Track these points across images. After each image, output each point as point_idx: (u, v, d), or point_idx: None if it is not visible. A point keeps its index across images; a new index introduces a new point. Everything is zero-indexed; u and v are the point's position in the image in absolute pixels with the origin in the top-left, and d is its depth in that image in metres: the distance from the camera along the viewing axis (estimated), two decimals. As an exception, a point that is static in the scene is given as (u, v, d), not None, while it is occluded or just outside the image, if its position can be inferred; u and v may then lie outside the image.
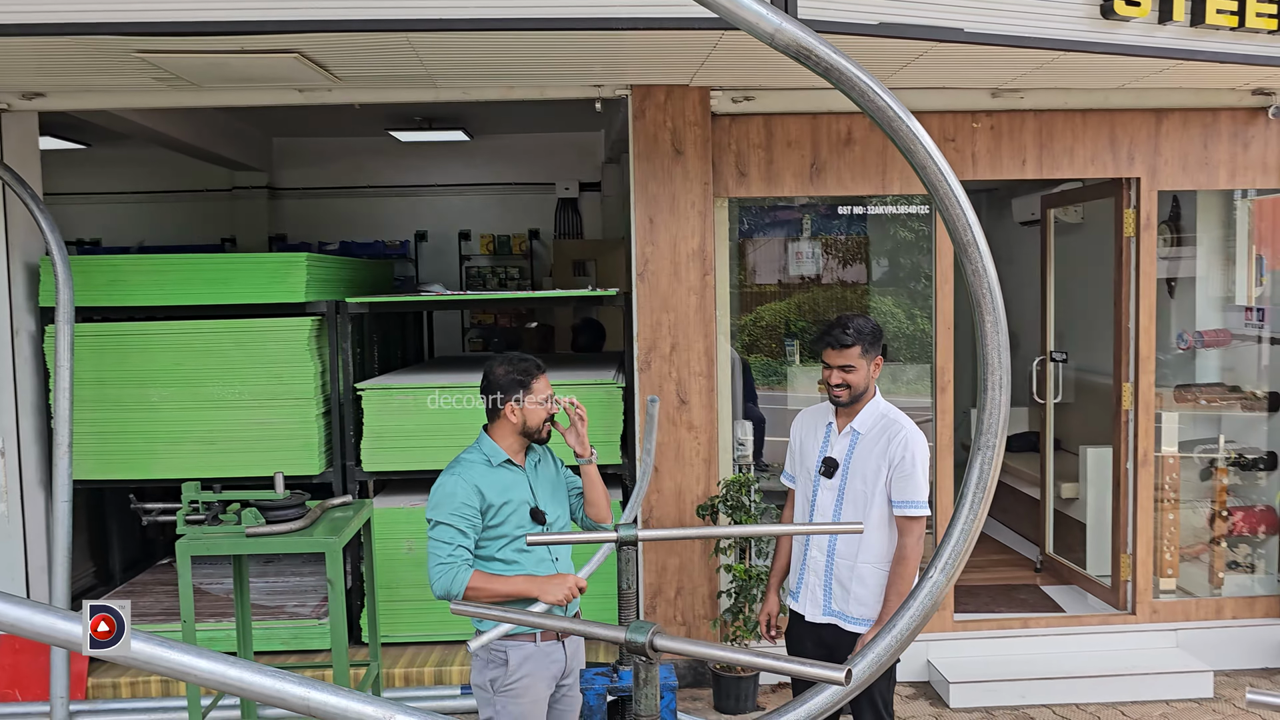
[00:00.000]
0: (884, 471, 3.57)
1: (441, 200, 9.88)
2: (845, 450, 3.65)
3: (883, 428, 3.62)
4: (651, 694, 1.67)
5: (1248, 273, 6.34)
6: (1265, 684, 5.43)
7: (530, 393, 3.36)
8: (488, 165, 9.80)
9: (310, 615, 5.58)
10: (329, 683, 2.10)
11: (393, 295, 6.38)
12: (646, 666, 1.65)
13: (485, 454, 3.40)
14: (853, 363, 3.58)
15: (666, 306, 5.29)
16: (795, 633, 3.79)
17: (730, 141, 5.35)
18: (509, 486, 3.37)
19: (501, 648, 3.33)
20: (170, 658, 1.92)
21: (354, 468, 5.61)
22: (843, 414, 3.70)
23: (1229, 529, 5.88)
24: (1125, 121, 5.44)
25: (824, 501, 3.66)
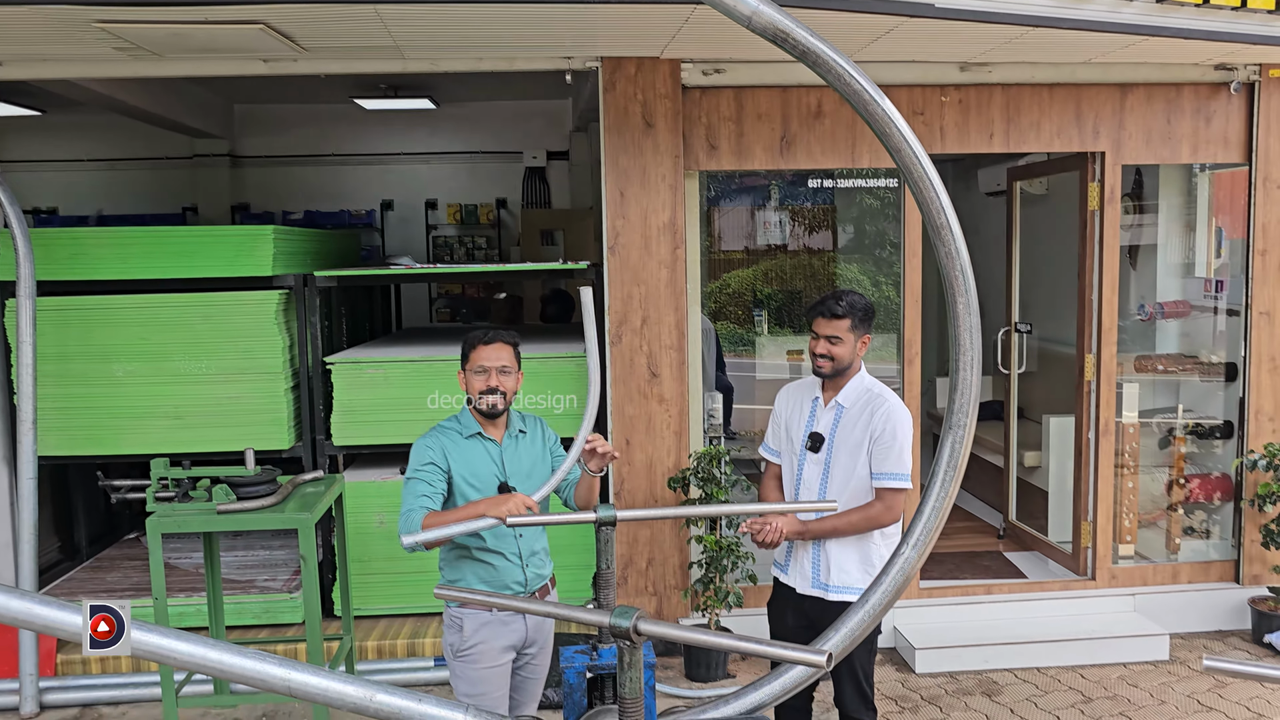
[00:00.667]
0: (866, 444, 3.61)
1: (408, 169, 9.77)
2: (830, 424, 3.68)
3: (866, 401, 3.65)
4: (636, 677, 1.70)
5: (1208, 244, 6.45)
6: (1219, 646, 5.59)
7: (468, 362, 3.40)
8: (454, 133, 9.70)
9: (282, 589, 5.57)
10: (308, 663, 2.12)
11: (361, 269, 6.32)
12: (630, 650, 1.68)
13: (461, 424, 3.45)
14: (840, 335, 3.61)
15: (637, 280, 5.30)
16: (780, 604, 3.84)
17: (700, 114, 5.34)
18: (477, 459, 3.40)
19: (459, 615, 3.42)
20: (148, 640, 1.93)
21: (324, 442, 5.59)
22: (828, 388, 3.73)
23: (1186, 496, 6.02)
24: (1091, 96, 5.50)
25: (810, 476, 3.70)
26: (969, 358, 2.61)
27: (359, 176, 9.70)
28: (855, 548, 3.66)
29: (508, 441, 3.48)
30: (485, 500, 3.21)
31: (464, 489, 3.37)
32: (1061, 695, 5.05)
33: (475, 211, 9.75)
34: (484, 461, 3.40)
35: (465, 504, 3.28)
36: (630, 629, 1.67)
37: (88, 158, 9.44)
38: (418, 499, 3.28)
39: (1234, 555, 5.85)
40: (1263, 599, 5.63)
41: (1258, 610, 5.58)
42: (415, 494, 3.29)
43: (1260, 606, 5.59)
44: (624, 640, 1.68)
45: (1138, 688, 5.11)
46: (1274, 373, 5.67)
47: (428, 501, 3.28)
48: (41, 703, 4.95)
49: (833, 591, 3.67)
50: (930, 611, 5.61)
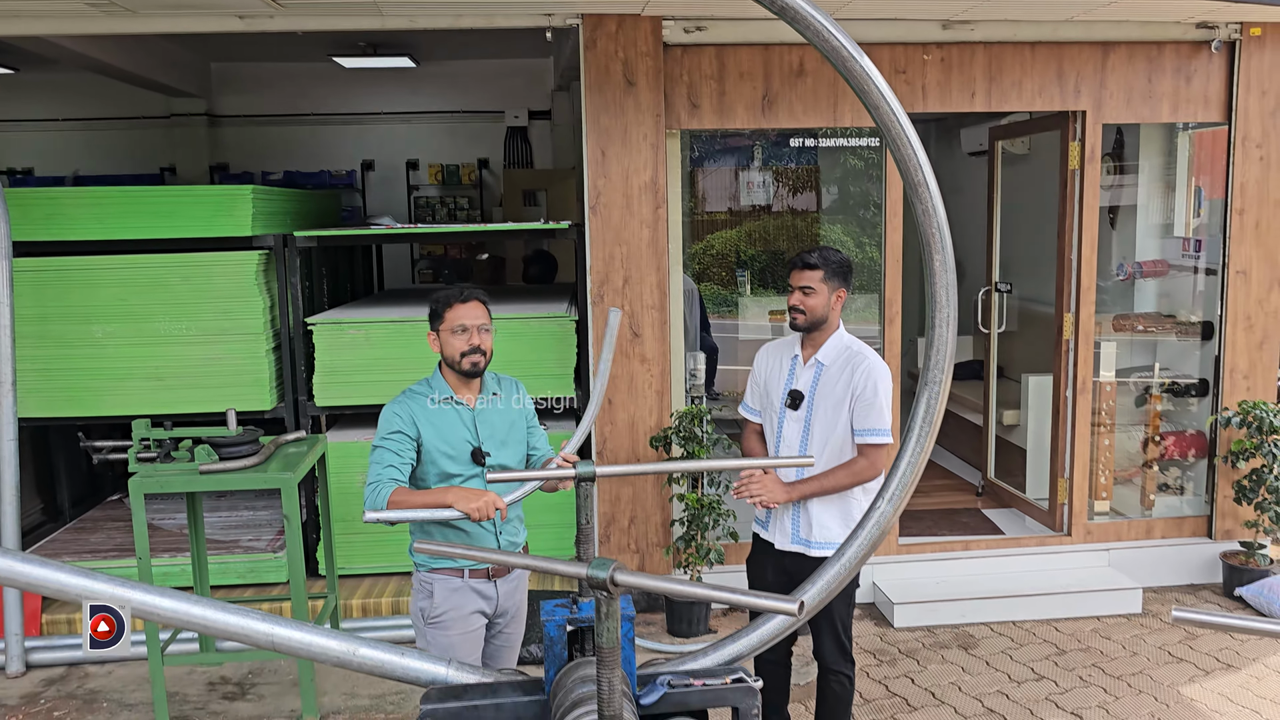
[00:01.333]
0: (847, 402, 3.64)
1: (388, 129, 9.69)
2: (810, 382, 3.71)
3: (846, 359, 3.68)
4: (613, 627, 1.73)
5: (1187, 204, 6.49)
6: (1190, 599, 5.70)
7: (442, 321, 3.31)
8: (435, 92, 9.62)
9: (266, 549, 5.60)
10: (290, 618, 2.14)
11: (342, 229, 6.28)
12: (607, 601, 1.71)
13: (432, 388, 3.39)
14: (813, 285, 3.63)
15: (619, 240, 5.29)
16: (758, 560, 3.90)
17: (682, 72, 5.32)
18: (448, 423, 3.34)
19: (429, 580, 3.38)
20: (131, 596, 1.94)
21: (306, 403, 5.59)
22: (808, 346, 3.75)
23: (1161, 453, 6.11)
24: (1073, 55, 5.49)
25: (790, 433, 3.73)
26: (945, 314, 2.63)
27: (339, 136, 9.62)
28: (836, 504, 3.70)
29: (481, 404, 3.41)
30: (455, 491, 3.12)
31: (435, 456, 3.32)
32: (1036, 648, 5.15)
33: (457, 172, 9.69)
34: (456, 426, 3.35)
35: (436, 489, 3.22)
36: (607, 580, 1.69)
37: (63, 117, 9.33)
38: (385, 469, 3.22)
39: (1207, 511, 5.95)
40: (1234, 553, 5.74)
41: (1229, 564, 5.69)
42: (382, 464, 3.24)
43: (1231, 561, 5.69)
44: (601, 591, 1.70)
45: (1110, 640, 5.21)
46: (1249, 331, 5.74)
47: (395, 474, 3.22)
48: (27, 662, 4.98)
49: (814, 548, 3.71)
50: (909, 567, 5.69)
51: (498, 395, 3.49)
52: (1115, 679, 4.82)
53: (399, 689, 4.74)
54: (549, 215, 9.15)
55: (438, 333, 3.35)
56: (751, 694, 2.53)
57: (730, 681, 2.53)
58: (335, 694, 4.74)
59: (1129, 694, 4.68)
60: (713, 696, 2.49)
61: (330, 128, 9.58)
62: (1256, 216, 5.66)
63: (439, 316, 3.34)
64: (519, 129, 9.76)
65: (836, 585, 2.79)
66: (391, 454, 3.29)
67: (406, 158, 9.74)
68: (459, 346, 3.31)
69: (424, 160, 9.78)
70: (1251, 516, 5.66)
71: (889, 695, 4.70)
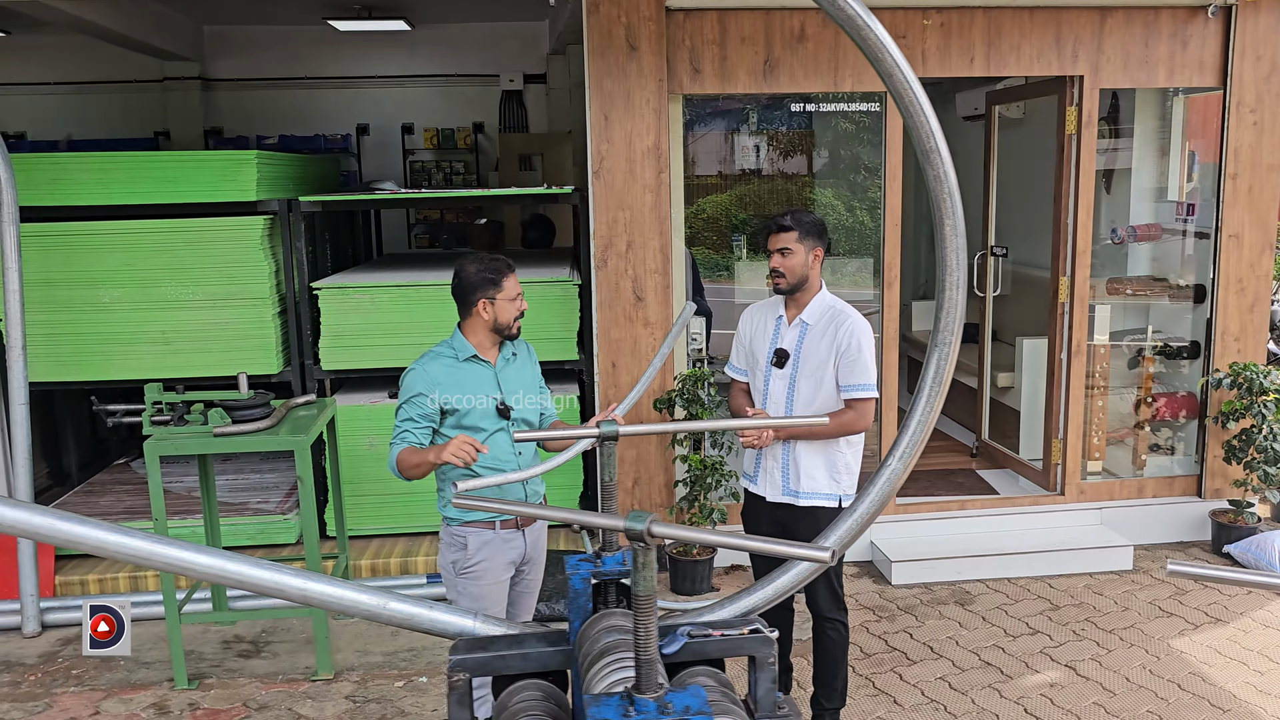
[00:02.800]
0: (832, 359, 3.77)
1: (383, 92, 9.67)
2: (795, 341, 3.83)
3: (830, 318, 3.80)
4: (650, 576, 1.81)
5: (1180, 168, 6.56)
6: (1181, 556, 5.84)
7: (501, 290, 3.46)
8: (430, 56, 9.58)
9: (275, 511, 5.68)
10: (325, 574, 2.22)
11: (346, 194, 6.30)
12: (644, 552, 1.79)
13: (454, 349, 3.52)
14: (790, 246, 3.74)
15: (622, 204, 5.34)
16: (752, 513, 4.02)
17: (684, 37, 5.34)
18: (473, 381, 3.50)
19: (462, 533, 3.54)
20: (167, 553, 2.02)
21: (312, 366, 5.65)
22: (791, 306, 3.87)
23: (1153, 414, 6.22)
24: (1071, 19, 5.53)
25: (776, 390, 3.85)
26: (956, 278, 2.70)
27: (334, 100, 9.60)
28: (822, 456, 3.84)
29: (501, 363, 3.57)
30: (434, 449, 3.32)
31: (461, 412, 3.46)
32: (1030, 604, 5.29)
33: (453, 136, 9.68)
34: (481, 383, 3.50)
35: (424, 448, 3.39)
36: (645, 531, 1.77)
37: (55, 80, 9.27)
38: (403, 432, 3.44)
39: (1197, 470, 6.08)
40: (1223, 511, 5.88)
41: (1218, 522, 5.83)
42: (401, 426, 3.44)
43: (1220, 519, 5.83)
44: (639, 542, 1.79)
45: (1103, 595, 5.35)
46: (1240, 294, 5.84)
47: (410, 437, 3.43)
48: (43, 622, 5.06)
49: (802, 498, 3.86)
50: (906, 527, 5.81)
51: (515, 355, 3.61)
52: (1107, 633, 4.96)
53: (411, 646, 4.85)
54: (546, 180, 9.16)
55: (493, 300, 3.46)
56: (768, 643, 2.63)
57: (748, 632, 2.65)
58: (348, 651, 4.84)
59: (1120, 647, 4.83)
60: (731, 646, 2.60)
61: (325, 92, 9.55)
62: (1249, 181, 5.74)
63: (496, 285, 3.46)
64: (514, 93, 9.75)
65: (850, 538, 2.90)
66: (409, 419, 3.43)
67: (402, 121, 9.73)
68: (513, 311, 3.49)
69: (419, 124, 9.77)
70: (1240, 476, 5.80)
71: (888, 649, 4.83)
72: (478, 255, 3.55)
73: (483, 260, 3.51)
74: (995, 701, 4.39)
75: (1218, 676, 4.56)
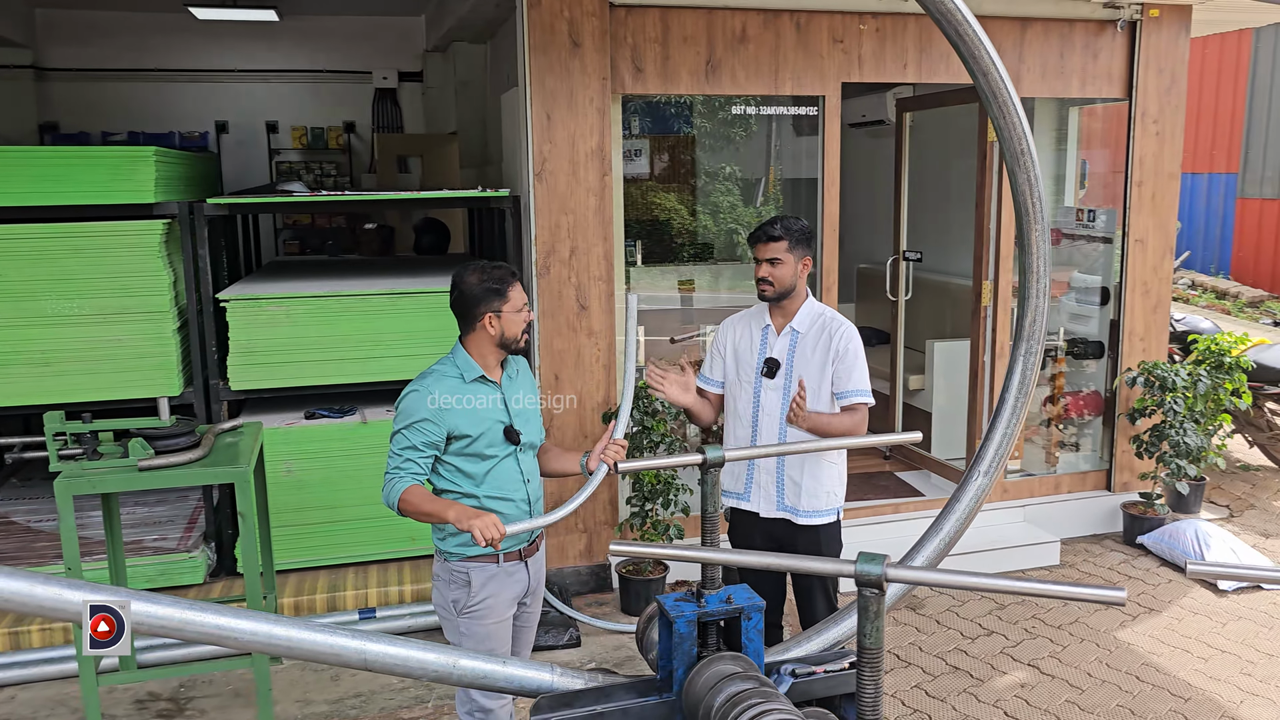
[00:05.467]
0: (828, 367, 3.68)
1: (244, 87, 8.96)
2: (786, 350, 3.72)
3: (822, 325, 3.72)
4: (881, 626, 1.61)
5: (1075, 176, 6.85)
6: (1097, 548, 6.07)
7: (507, 301, 3.15)
8: (296, 49, 8.95)
9: (178, 548, 5.09)
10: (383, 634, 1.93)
11: (261, 196, 5.70)
12: (877, 599, 1.59)
13: (459, 368, 3.19)
14: (780, 256, 3.64)
15: (565, 208, 5.07)
16: (744, 530, 3.87)
17: (626, 35, 5.12)
18: (482, 404, 3.18)
19: (464, 569, 3.22)
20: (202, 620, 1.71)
21: (219, 386, 5.10)
22: (778, 315, 3.76)
23: (1064, 412, 6.45)
24: (995, 29, 5.65)
25: (769, 402, 3.72)
26: (1043, 284, 2.63)
27: (189, 94, 8.82)
28: (818, 470, 3.76)
29: (506, 381, 3.27)
30: (457, 508, 2.98)
31: (469, 439, 3.14)
32: (977, 604, 5.35)
33: (323, 135, 9.09)
34: (488, 406, 3.18)
35: (441, 500, 3.06)
36: (881, 577, 1.57)
37: None
38: (405, 461, 3.09)
39: (1106, 465, 6.33)
40: (1134, 504, 6.14)
41: (1130, 514, 6.08)
42: (403, 455, 3.09)
43: (1132, 511, 6.09)
44: (872, 589, 1.58)
45: (1041, 592, 5.48)
46: (1145, 296, 6.12)
47: (415, 467, 3.09)
48: (-92, 694, 4.34)
49: (802, 515, 3.78)
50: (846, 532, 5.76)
51: (517, 372, 3.32)
52: (1056, 629, 5.07)
53: (358, 691, 4.42)
54: (425, 183, 8.73)
55: (499, 314, 3.13)
56: None
57: (849, 666, 2.50)
58: (286, 702, 4.36)
59: (1073, 643, 4.93)
60: (836, 683, 2.45)
61: (178, 85, 8.77)
62: (1153, 188, 6.02)
63: (501, 296, 3.13)
64: (388, 91, 9.24)
65: (937, 558, 2.78)
66: (410, 447, 3.10)
67: (265, 119, 9.04)
68: (520, 324, 3.18)
69: (285, 122, 9.11)
70: (1146, 469, 6.07)
71: (857, 660, 4.76)
72: (477, 264, 3.21)
73: (484, 269, 3.18)
74: (974, 706, 4.39)
75: (1168, 665, 4.72)
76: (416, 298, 5.17)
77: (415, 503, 3.02)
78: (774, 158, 10.46)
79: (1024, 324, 2.64)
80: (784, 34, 5.32)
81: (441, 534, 3.23)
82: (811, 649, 2.65)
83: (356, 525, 5.25)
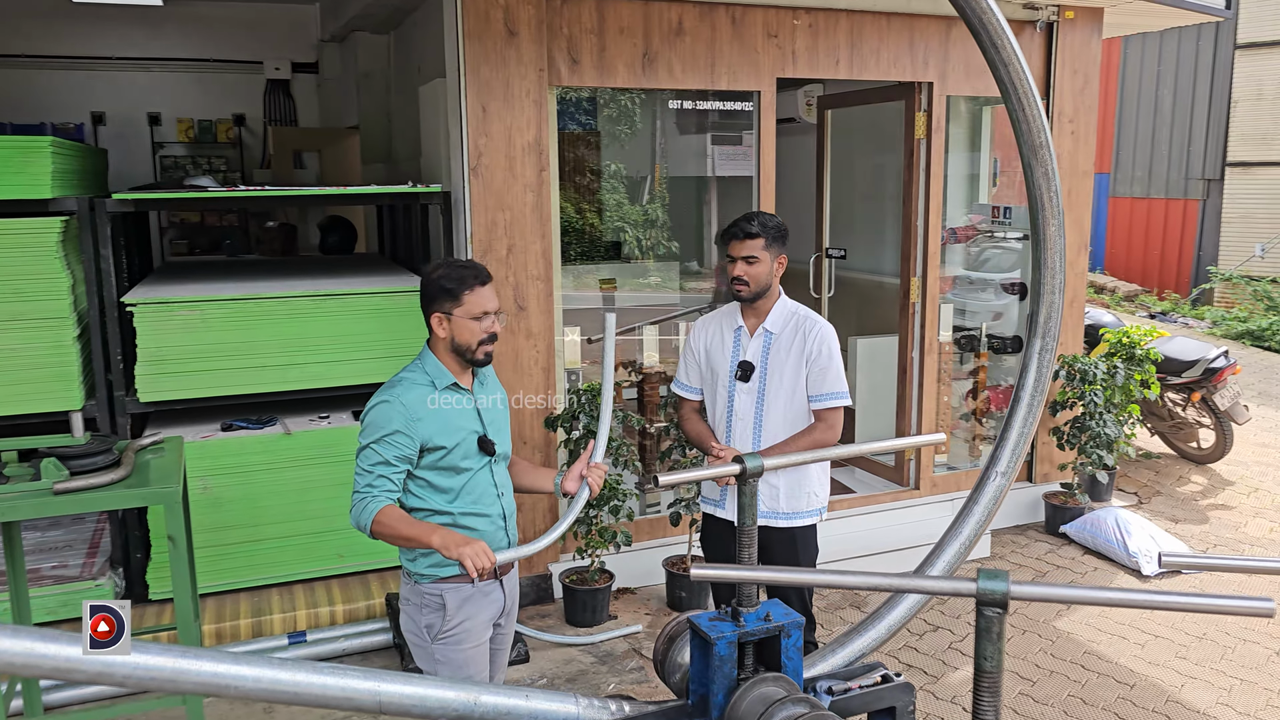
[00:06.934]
0: (802, 369, 3.59)
1: (124, 76, 8.39)
2: (760, 351, 3.62)
3: (795, 325, 3.62)
4: (1001, 649, 1.51)
5: (986, 174, 6.99)
6: (1022, 538, 6.19)
7: (459, 304, 2.89)
8: (180, 37, 8.42)
9: (80, 576, 4.67)
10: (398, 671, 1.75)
11: (170, 192, 5.25)
12: (1000, 620, 1.48)
13: (429, 374, 2.95)
14: (756, 254, 3.54)
15: (502, 205, 4.85)
16: (720, 538, 3.76)
17: (562, 24, 4.94)
18: (455, 413, 2.96)
19: (437, 590, 2.99)
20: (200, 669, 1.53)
21: (125, 399, 4.69)
22: (751, 316, 3.65)
23: (985, 405, 6.56)
24: (922, 27, 5.69)
25: (743, 406, 3.62)
26: (1059, 280, 2.59)
27: (61, 82, 8.21)
28: (800, 474, 3.66)
29: (477, 388, 3.05)
30: (442, 533, 2.76)
31: (442, 451, 2.91)
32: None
33: (212, 128, 8.58)
34: (461, 416, 2.96)
35: (423, 523, 2.84)
36: (1006, 595, 1.46)
37: None
38: (376, 479, 2.83)
39: (1027, 457, 6.47)
40: (1055, 494, 6.29)
41: (1052, 504, 6.23)
42: (373, 472, 2.83)
43: (1054, 501, 6.24)
44: (996, 609, 1.47)
45: (977, 585, 5.54)
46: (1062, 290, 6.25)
47: (388, 485, 2.83)
48: None
49: (781, 518, 3.69)
50: (784, 532, 5.73)
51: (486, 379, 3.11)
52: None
53: (296, 724, 4.12)
54: (324, 179, 8.34)
55: (448, 315, 2.88)
56: (909, 690, 2.41)
57: (881, 680, 2.42)
58: (217, 739, 4.03)
59: (1016, 634, 4.99)
60: (873, 698, 2.37)
61: (50, 73, 8.14)
62: (1069, 186, 6.18)
63: (454, 297, 2.87)
64: (280, 82, 8.79)
65: (958, 562, 2.71)
66: (381, 462, 2.85)
67: (147, 110, 8.48)
68: (477, 333, 2.91)
69: (169, 114, 8.56)
70: (1066, 460, 6.23)
71: (811, 662, 4.70)
72: (447, 261, 2.99)
73: (448, 265, 2.94)
74: (934, 704, 4.38)
75: (1109, 653, 4.82)
76: (343, 299, 4.88)
77: (391, 525, 2.78)
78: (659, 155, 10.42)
79: (1038, 320, 2.60)
80: (720, 27, 5.23)
81: (411, 554, 3.00)
82: (837, 663, 2.55)
83: (279, 544, 4.92)
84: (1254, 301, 12.64)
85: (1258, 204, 13.13)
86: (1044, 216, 2.51)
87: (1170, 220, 14.10)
